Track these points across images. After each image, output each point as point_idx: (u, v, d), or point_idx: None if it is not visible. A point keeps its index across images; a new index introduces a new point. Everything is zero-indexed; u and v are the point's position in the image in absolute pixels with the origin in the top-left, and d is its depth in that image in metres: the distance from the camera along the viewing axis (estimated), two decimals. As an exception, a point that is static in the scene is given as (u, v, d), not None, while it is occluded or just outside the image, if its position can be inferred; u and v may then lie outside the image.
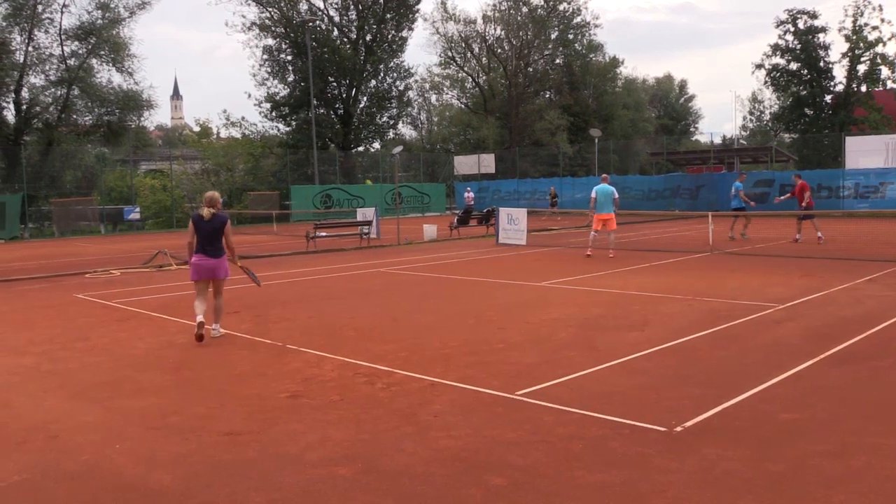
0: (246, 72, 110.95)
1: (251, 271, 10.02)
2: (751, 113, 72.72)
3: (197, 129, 51.09)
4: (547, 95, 64.07)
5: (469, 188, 44.21)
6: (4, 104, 40.23)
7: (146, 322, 10.47)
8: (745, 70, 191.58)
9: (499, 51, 61.44)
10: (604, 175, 17.97)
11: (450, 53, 62.67)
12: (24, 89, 40.81)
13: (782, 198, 23.93)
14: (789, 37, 50.67)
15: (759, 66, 52.52)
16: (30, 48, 40.17)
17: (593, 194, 17.15)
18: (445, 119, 66.75)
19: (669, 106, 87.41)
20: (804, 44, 49.96)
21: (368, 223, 24.37)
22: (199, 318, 8.75)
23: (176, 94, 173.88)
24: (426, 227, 25.43)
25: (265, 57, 49.35)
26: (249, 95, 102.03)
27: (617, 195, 16.99)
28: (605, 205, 16.91)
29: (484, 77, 63.17)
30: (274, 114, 49.67)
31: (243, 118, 50.80)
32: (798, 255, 17.05)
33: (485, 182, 50.74)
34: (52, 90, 41.44)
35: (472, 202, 39.64)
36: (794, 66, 51.07)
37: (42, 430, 5.82)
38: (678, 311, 10.19)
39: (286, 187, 43.42)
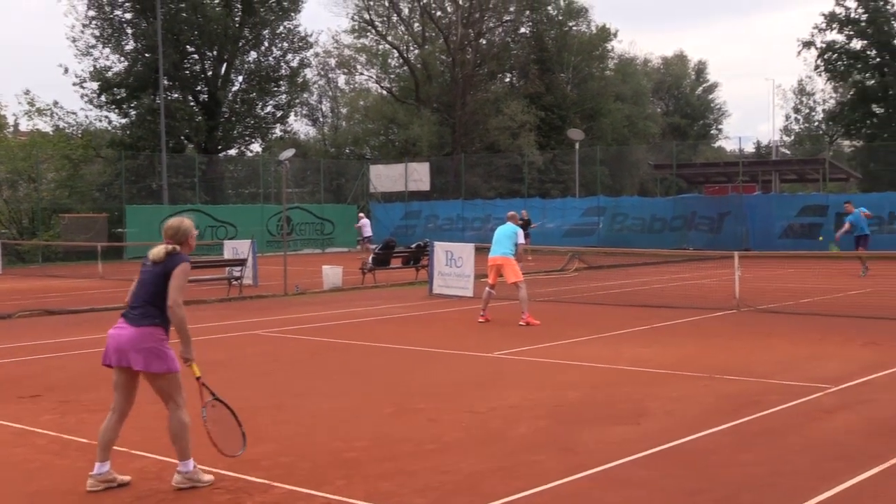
0: (61, 35, 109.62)
1: None
2: (796, 111, 75.09)
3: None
4: (507, 80, 64.96)
5: (362, 214, 44.92)
6: None
7: None
8: (788, 49, 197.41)
9: (438, 13, 62.23)
10: (510, 213, 18.06)
11: (367, 15, 63.23)
12: None
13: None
14: (851, 3, 51.73)
15: (809, 45, 53.79)
16: None
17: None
18: (359, 111, 67.02)
19: (682, 98, 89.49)
20: (872, 13, 50.95)
21: (241, 263, 24.15)
22: (100, 465, 7.45)
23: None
24: (327, 270, 25.34)
25: (92, 13, 48.98)
26: (66, 70, 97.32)
27: (522, 239, 17.28)
28: (500, 244, 17.30)
29: (416, 51, 63.78)
30: (103, 98, 49.07)
31: (56, 104, 49.85)
32: (860, 314, 17.43)
33: (415, 204, 50.91)
34: None
35: (368, 233, 41.88)
36: (857, 44, 52.06)
37: None
38: (689, 395, 10.31)
39: (119, 207, 42.84)
